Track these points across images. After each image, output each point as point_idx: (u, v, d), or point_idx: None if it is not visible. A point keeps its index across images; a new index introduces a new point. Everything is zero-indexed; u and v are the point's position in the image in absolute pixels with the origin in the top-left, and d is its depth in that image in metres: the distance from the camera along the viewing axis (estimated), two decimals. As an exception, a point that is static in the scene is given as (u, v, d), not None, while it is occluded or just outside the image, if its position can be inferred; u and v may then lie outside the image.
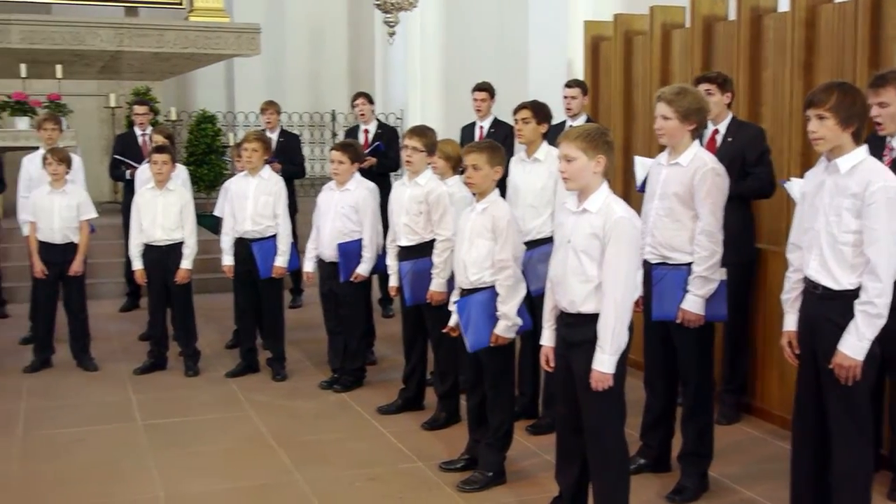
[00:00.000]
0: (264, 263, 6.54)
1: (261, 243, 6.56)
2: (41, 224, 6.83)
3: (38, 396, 6.25)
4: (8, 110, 10.43)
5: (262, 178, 6.63)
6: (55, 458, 5.11)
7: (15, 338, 7.65)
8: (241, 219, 6.60)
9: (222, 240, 6.76)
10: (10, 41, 11.57)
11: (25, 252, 7.23)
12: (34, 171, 7.69)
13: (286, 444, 5.30)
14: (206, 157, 12.59)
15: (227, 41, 12.29)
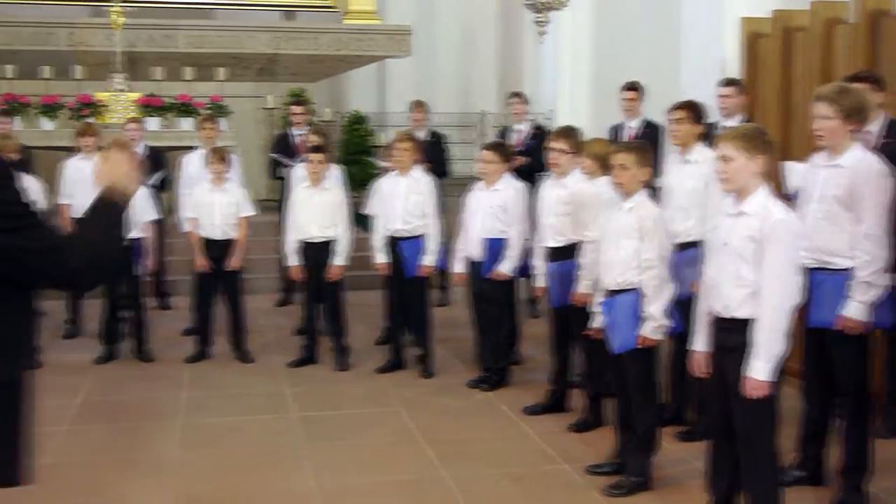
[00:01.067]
0: (413, 262, 6.64)
1: (410, 242, 6.66)
2: (202, 220, 7.12)
3: (198, 386, 6.52)
4: (174, 111, 10.92)
5: (413, 177, 6.72)
6: (213, 446, 5.33)
7: (177, 329, 8.01)
8: (392, 218, 6.71)
9: (374, 238, 6.89)
10: (177, 46, 12.14)
11: (187, 247, 7.55)
12: (193, 169, 8.04)
13: (433, 440, 5.36)
14: (358, 156, 12.85)
15: (379, 43, 12.55)
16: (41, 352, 6.96)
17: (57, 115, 10.66)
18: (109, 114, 10.70)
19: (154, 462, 5.06)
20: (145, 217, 7.14)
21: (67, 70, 11.38)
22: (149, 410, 6.01)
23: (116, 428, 5.65)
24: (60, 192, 7.92)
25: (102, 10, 11.67)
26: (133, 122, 8.64)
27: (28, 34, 11.91)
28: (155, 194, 8.08)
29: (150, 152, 8.55)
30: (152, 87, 11.32)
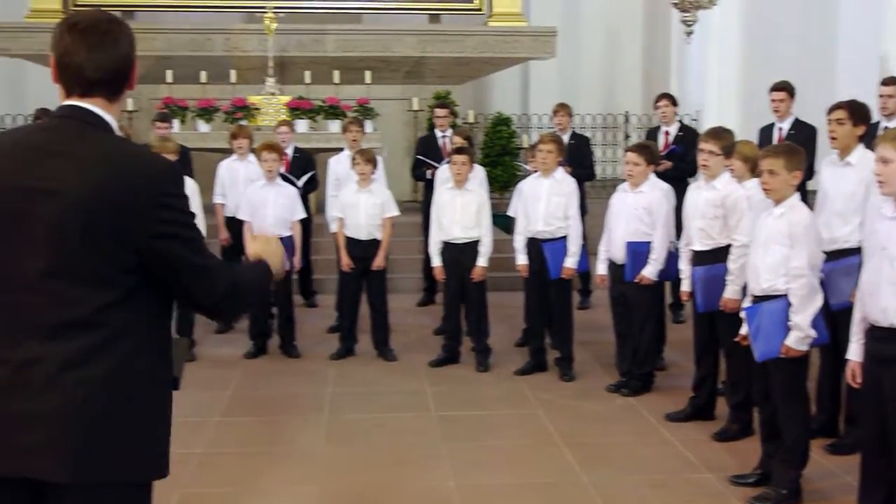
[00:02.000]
0: (555, 264, 6.61)
1: (552, 244, 6.63)
2: (348, 221, 7.28)
3: (342, 382, 6.67)
4: (322, 114, 11.20)
5: (556, 179, 6.70)
6: (357, 441, 5.44)
7: (323, 326, 8.20)
8: (534, 219, 6.70)
9: (515, 239, 6.90)
10: (325, 50, 12.45)
11: (333, 247, 7.73)
12: (340, 170, 8.22)
13: (572, 444, 5.33)
14: (501, 158, 12.88)
15: (523, 45, 12.55)
16: (196, 346, 7.27)
17: (212, 118, 11.09)
18: (261, 116, 11.06)
19: (300, 455, 5.21)
20: (293, 216, 7.35)
21: (223, 74, 11.83)
22: (295, 405, 6.18)
23: (264, 421, 5.83)
24: (215, 191, 8.23)
25: (256, 17, 12.07)
26: (283, 124, 8.90)
27: (186, 41, 12.45)
28: (303, 194, 8.31)
29: (298, 154, 8.79)
30: (302, 90, 11.64)
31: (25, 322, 2.11)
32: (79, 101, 2.21)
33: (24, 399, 2.08)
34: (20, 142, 2.20)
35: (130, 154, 2.22)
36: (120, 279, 2.15)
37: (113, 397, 2.13)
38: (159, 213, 2.16)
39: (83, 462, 2.09)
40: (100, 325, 2.12)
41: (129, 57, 2.26)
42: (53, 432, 2.07)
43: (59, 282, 2.11)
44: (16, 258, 2.12)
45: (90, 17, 2.22)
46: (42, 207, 2.10)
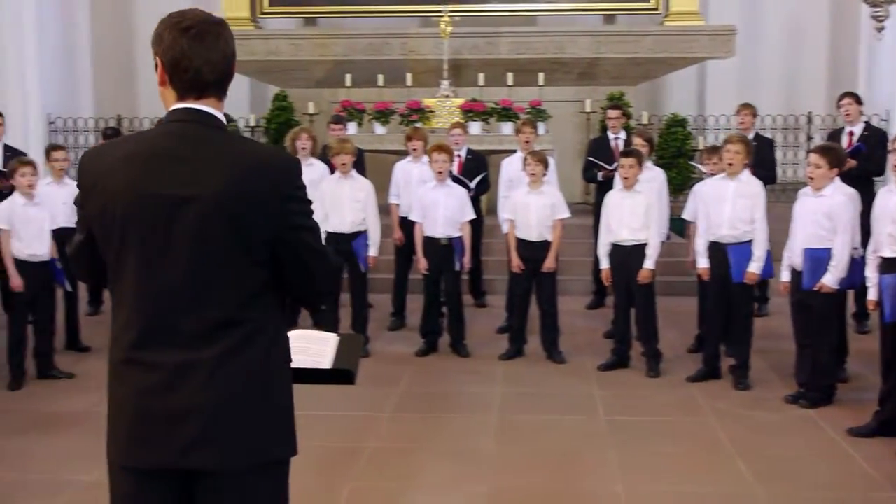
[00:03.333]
0: (738, 268, 6.40)
1: (737, 247, 6.42)
2: (519, 222, 7.29)
3: (511, 383, 6.69)
4: (495, 116, 11.28)
5: (741, 181, 6.47)
6: (525, 442, 5.45)
7: (492, 326, 8.26)
8: (717, 223, 6.51)
9: (696, 242, 6.73)
10: (500, 52, 12.53)
11: (504, 248, 7.76)
12: (513, 172, 8.24)
13: (746, 455, 5.16)
14: (675, 160, 12.61)
15: (701, 44, 12.24)
16: (369, 342, 7.46)
17: (388, 121, 11.34)
18: (436, 119, 11.22)
19: (468, 453, 5.26)
20: (463, 217, 7.43)
21: (399, 78, 12.08)
22: (464, 403, 6.25)
23: (433, 418, 5.92)
24: (390, 192, 8.42)
25: (432, 21, 12.26)
26: (457, 126, 9.01)
27: (364, 45, 12.79)
28: (475, 196, 8.39)
29: (471, 155, 8.88)
30: (475, 92, 11.75)
31: (173, 326, 2.21)
32: (194, 104, 2.28)
33: (179, 398, 2.20)
34: (146, 150, 2.25)
35: (254, 152, 2.28)
36: (255, 274, 2.24)
37: (258, 387, 2.25)
38: (289, 206, 2.24)
39: (237, 449, 2.22)
40: (242, 321, 2.23)
41: (234, 56, 2.33)
42: (209, 426, 2.19)
43: (202, 284, 2.20)
44: (159, 265, 2.21)
45: (198, 18, 2.27)
46: (178, 213, 2.18)
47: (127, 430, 2.25)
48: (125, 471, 2.28)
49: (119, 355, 2.27)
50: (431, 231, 7.38)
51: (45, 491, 4.68)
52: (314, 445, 5.23)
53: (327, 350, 3.25)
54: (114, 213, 2.22)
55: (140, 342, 2.22)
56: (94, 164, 2.29)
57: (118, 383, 2.28)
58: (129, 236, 2.22)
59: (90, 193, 2.27)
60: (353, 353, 3.32)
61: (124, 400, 2.25)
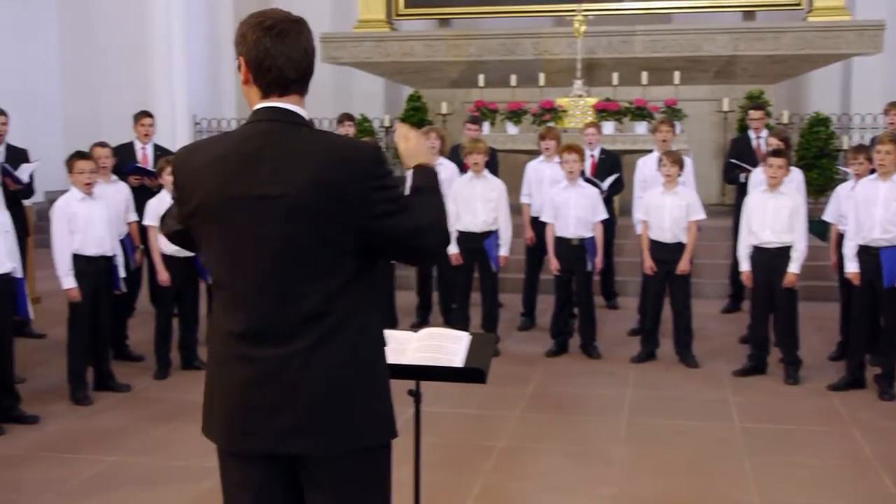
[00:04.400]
0: (891, 273, 6.13)
1: (890, 251, 6.14)
2: (653, 223, 7.19)
3: (643, 386, 6.60)
4: (629, 115, 11.14)
5: (893, 182, 6.20)
6: (656, 446, 5.37)
7: (624, 329, 8.16)
8: (868, 226, 6.25)
9: (846, 246, 6.47)
10: (634, 51, 12.37)
11: (637, 249, 7.66)
12: (648, 172, 8.13)
13: (892, 469, 4.95)
14: (818, 160, 12.20)
15: (847, 40, 11.78)
16: (500, 342, 7.48)
17: (521, 120, 11.35)
18: (568, 118, 11.17)
19: (599, 456, 5.22)
20: (595, 217, 7.36)
21: (531, 78, 12.07)
22: (594, 405, 6.20)
23: (563, 419, 5.90)
24: (522, 191, 8.42)
25: (565, 20, 12.20)
26: (590, 126, 8.94)
27: (497, 46, 12.83)
28: (608, 196, 8.31)
29: (605, 155, 8.80)
30: (609, 92, 11.63)
31: (265, 321, 2.28)
32: (277, 102, 2.33)
33: (274, 389, 2.27)
34: (232, 150, 2.31)
35: (337, 145, 2.31)
36: (344, 264, 2.28)
37: (352, 374, 2.29)
38: (375, 195, 2.25)
39: (336, 435, 2.28)
40: (332, 312, 2.27)
41: (314, 53, 2.36)
42: (307, 414, 2.26)
43: (292, 279, 2.25)
44: (250, 263, 2.27)
45: (279, 17, 2.31)
46: (264, 211, 2.23)
47: (228, 418, 2.35)
48: (231, 456, 2.39)
49: (216, 347, 2.39)
50: (563, 231, 7.35)
51: (190, 477, 4.88)
52: (445, 442, 5.29)
53: (460, 348, 3.30)
54: (205, 214, 2.31)
55: (235, 335, 2.31)
56: (185, 164, 2.37)
57: (217, 373, 2.38)
58: (220, 235, 2.30)
59: (183, 193, 2.37)
60: (486, 352, 3.34)
61: (225, 388, 2.35)
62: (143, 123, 8.27)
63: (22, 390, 6.01)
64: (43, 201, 10.95)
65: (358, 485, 2.34)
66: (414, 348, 3.22)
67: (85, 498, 4.65)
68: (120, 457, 5.21)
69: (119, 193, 7.12)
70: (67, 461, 5.14)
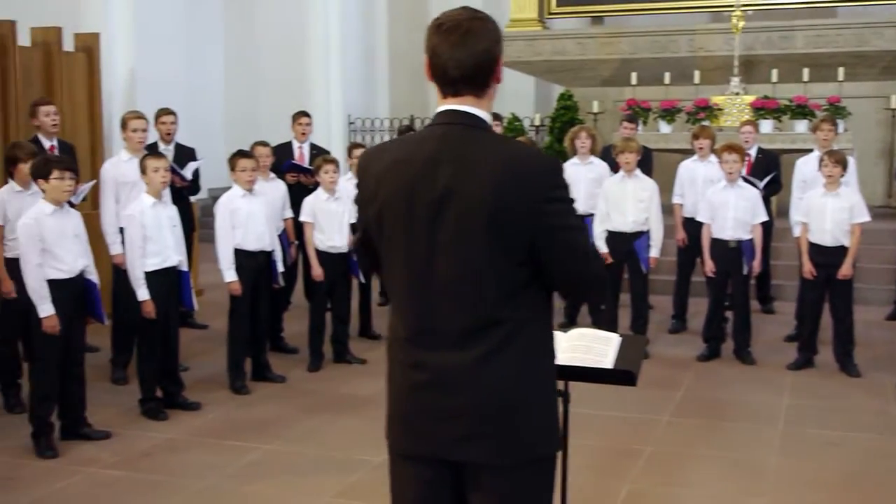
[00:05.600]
0: None
1: None
2: (812, 225, 6.92)
3: (800, 394, 6.38)
4: (788, 113, 10.77)
5: None
6: (812, 457, 5.18)
7: (780, 334, 7.90)
8: None
9: None
10: (795, 46, 11.95)
11: (795, 252, 7.40)
12: (808, 172, 7.84)
13: None
14: None
15: None
16: (649, 344, 7.36)
17: (674, 119, 11.14)
18: (724, 117, 10.89)
19: (751, 465, 5.07)
20: (754, 219, 7.14)
21: (686, 75, 11.82)
22: (747, 412, 6.03)
23: (714, 425, 5.76)
24: (674, 191, 8.26)
25: (723, 16, 11.90)
26: (747, 124, 8.69)
27: (650, 43, 12.64)
28: (765, 197, 8.06)
29: (762, 154, 8.54)
30: (767, 89, 11.28)
31: (438, 327, 2.28)
32: (453, 104, 2.31)
33: (447, 395, 2.28)
34: (411, 154, 2.30)
35: (514, 153, 2.27)
36: (516, 273, 2.25)
37: (526, 383, 2.28)
38: (549, 207, 2.22)
39: (509, 444, 2.27)
40: (504, 321, 2.25)
41: (489, 52, 2.28)
42: (478, 422, 2.26)
43: (466, 284, 2.25)
44: (426, 267, 2.27)
45: (455, 15, 2.28)
46: (441, 216, 2.23)
47: (402, 420, 2.38)
48: (402, 457, 2.41)
49: (393, 349, 2.41)
50: (720, 233, 7.17)
51: (342, 469, 5.01)
52: (593, 445, 5.26)
53: (609, 350, 3.27)
54: (385, 217, 2.32)
55: (409, 340, 2.33)
56: (369, 167, 2.39)
57: (394, 375, 2.41)
58: (398, 239, 2.31)
59: (366, 195, 2.39)
60: (636, 354, 3.31)
61: (399, 391, 2.38)
62: (300, 123, 8.52)
63: (185, 378, 6.30)
64: (206, 198, 11.42)
65: (525, 495, 2.33)
66: (563, 348, 3.21)
67: (243, 483, 4.85)
68: (276, 445, 5.40)
69: (277, 191, 7.36)
70: (227, 447, 5.37)
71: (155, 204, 5.86)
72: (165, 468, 5.05)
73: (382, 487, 2.55)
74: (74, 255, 5.30)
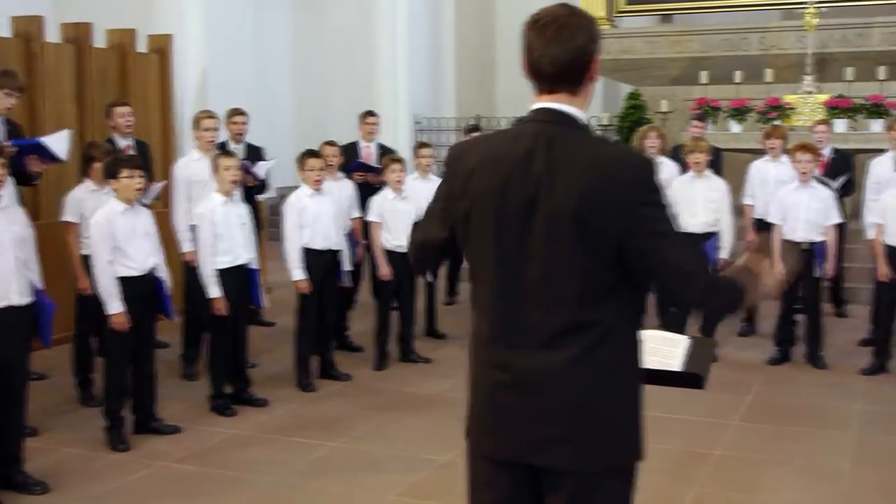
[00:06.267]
0: None
1: None
2: (888, 227, 6.76)
3: (874, 400, 6.23)
4: (863, 113, 10.53)
5: None
6: (886, 465, 5.06)
7: (854, 339, 7.72)
8: None
9: None
10: (870, 44, 11.68)
11: (870, 254, 7.23)
12: (882, 173, 7.66)
13: None
14: None
15: None
16: (718, 347, 7.25)
17: (745, 118, 10.96)
18: (796, 116, 10.69)
19: (823, 471, 4.97)
20: (828, 220, 6.99)
21: (757, 74, 11.63)
22: (818, 417, 5.91)
23: (785, 430, 5.65)
24: (745, 192, 8.13)
25: (796, 13, 11.68)
26: (820, 124, 8.51)
27: (721, 41, 12.46)
28: (839, 198, 7.88)
29: (836, 155, 8.36)
30: (841, 87, 11.04)
31: (525, 328, 2.24)
32: (547, 102, 2.27)
33: (532, 397, 2.24)
34: (502, 152, 2.27)
35: (609, 153, 2.24)
36: (606, 276, 2.21)
37: (615, 390, 2.25)
38: (641, 211, 2.17)
39: (589, 452, 2.23)
40: (591, 325, 2.21)
41: (584, 49, 2.24)
42: (561, 428, 2.22)
43: (553, 287, 2.21)
44: (516, 268, 2.24)
45: (551, 12, 2.25)
46: (530, 216, 2.20)
47: (482, 421, 2.35)
48: (480, 458, 2.38)
49: (476, 349, 2.37)
50: (791, 234, 7.03)
51: (406, 467, 5.02)
52: (661, 448, 5.16)
53: (677, 352, 3.22)
54: (474, 214, 2.29)
55: (494, 340, 2.30)
56: (459, 162, 2.36)
57: (476, 375, 2.38)
58: (487, 236, 2.28)
59: (454, 191, 2.35)
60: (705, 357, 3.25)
61: (481, 392, 2.35)
62: (367, 122, 8.56)
63: (253, 375, 6.38)
64: (274, 197, 11.56)
65: (606, 503, 2.30)
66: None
67: (309, 479, 4.89)
68: (341, 442, 5.44)
69: (344, 190, 7.41)
70: (293, 444, 5.43)
71: (225, 202, 5.95)
72: (233, 463, 5.12)
73: (447, 487, 2.55)
74: (145, 253, 5.40)
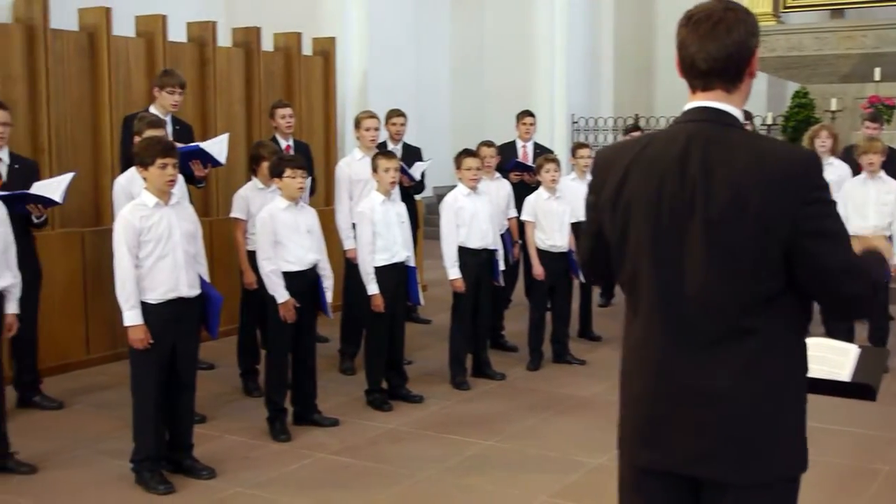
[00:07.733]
0: None
1: None
2: None
3: None
4: None
5: None
6: None
7: None
8: None
9: None
10: None
11: None
12: None
13: None
14: None
15: None
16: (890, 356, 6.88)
17: (922, 118, 10.41)
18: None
19: None
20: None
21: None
22: None
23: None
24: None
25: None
26: None
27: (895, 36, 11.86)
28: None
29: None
30: None
31: (688, 334, 2.17)
32: (702, 100, 2.20)
33: (693, 407, 2.17)
34: (656, 153, 2.20)
35: (770, 152, 2.13)
36: (768, 282, 2.12)
37: (773, 401, 2.15)
38: (806, 210, 2.07)
39: (747, 464, 2.14)
40: (755, 332, 2.13)
41: (743, 44, 2.16)
42: (728, 438, 2.14)
43: (716, 292, 2.13)
44: (678, 273, 2.16)
45: (707, 7, 2.17)
46: (688, 219, 2.13)
47: (636, 429, 2.29)
48: (635, 469, 2.32)
49: (632, 356, 2.31)
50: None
51: (559, 469, 5.00)
52: (825, 461, 4.98)
53: (847, 361, 3.08)
54: (630, 218, 2.23)
55: (652, 346, 2.24)
56: (611, 165, 2.31)
57: (630, 383, 2.32)
58: (645, 240, 2.21)
59: (607, 194, 2.30)
60: (876, 367, 3.09)
61: (637, 400, 2.29)
62: (524, 122, 8.56)
63: (409, 371, 6.48)
64: (431, 196, 11.70)
65: None
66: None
67: (463, 476, 4.93)
68: (494, 441, 5.46)
69: (501, 190, 7.43)
70: (447, 440, 5.48)
71: (384, 201, 6.06)
72: (388, 457, 5.22)
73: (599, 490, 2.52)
74: (305, 250, 5.56)
